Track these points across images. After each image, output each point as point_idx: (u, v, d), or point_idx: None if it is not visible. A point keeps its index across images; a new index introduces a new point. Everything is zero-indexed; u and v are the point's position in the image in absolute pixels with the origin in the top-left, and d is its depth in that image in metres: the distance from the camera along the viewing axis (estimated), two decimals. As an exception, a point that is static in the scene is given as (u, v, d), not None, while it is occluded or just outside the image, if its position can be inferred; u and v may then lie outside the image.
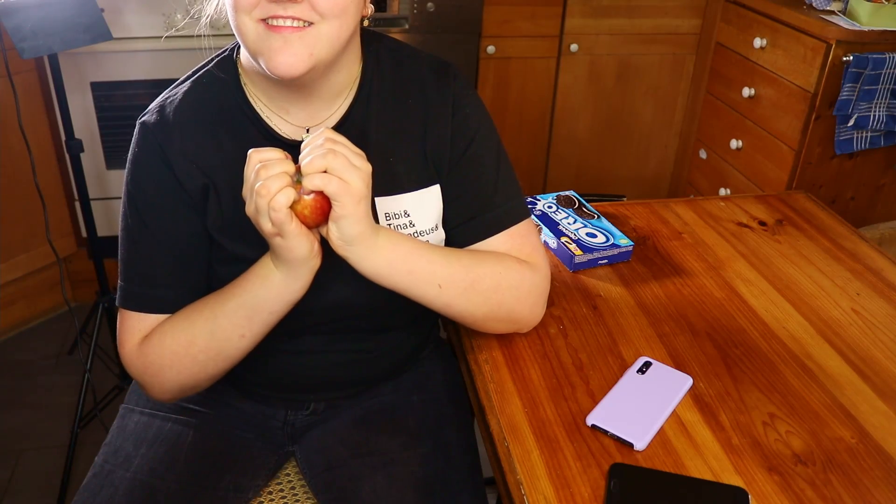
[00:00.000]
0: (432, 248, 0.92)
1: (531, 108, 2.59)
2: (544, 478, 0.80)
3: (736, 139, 2.43)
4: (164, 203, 0.92)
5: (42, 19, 1.57)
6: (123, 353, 0.95)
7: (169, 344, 0.91)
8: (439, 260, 0.91)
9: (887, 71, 2.01)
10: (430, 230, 0.96)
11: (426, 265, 0.90)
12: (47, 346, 2.25)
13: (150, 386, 0.94)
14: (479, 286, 0.93)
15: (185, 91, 0.94)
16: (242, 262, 0.91)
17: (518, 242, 0.98)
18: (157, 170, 0.92)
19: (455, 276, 0.91)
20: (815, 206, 1.38)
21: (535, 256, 0.98)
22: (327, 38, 0.84)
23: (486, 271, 0.93)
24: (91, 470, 0.97)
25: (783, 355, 1.00)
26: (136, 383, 1.09)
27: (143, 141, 0.93)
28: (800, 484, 0.81)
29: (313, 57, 0.83)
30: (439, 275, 0.91)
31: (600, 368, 0.96)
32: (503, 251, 0.97)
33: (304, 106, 0.93)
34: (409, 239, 0.90)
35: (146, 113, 0.94)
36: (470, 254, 0.95)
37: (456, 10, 2.33)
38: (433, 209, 0.97)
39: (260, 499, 1.00)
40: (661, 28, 2.56)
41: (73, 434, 1.79)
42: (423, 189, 0.96)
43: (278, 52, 0.82)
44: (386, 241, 0.87)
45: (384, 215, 0.94)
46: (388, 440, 0.99)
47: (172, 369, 0.92)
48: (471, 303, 0.93)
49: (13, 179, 2.13)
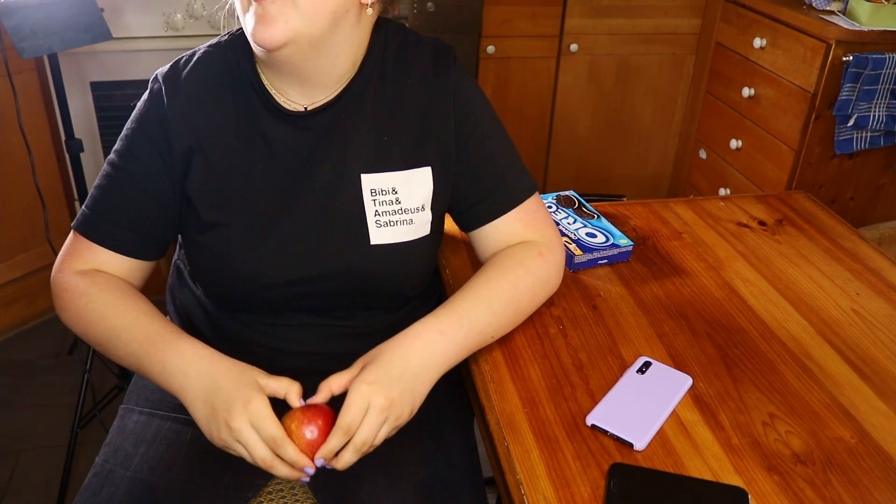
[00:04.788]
0: (472, 310, 0.94)
1: (531, 107, 2.59)
2: (544, 477, 0.80)
3: (736, 139, 2.43)
4: (150, 157, 0.96)
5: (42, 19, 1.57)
6: (57, 269, 0.98)
7: (81, 304, 0.95)
8: (482, 318, 0.94)
9: (887, 71, 2.01)
10: (417, 209, 0.98)
11: (475, 337, 0.94)
12: (47, 346, 2.25)
13: (57, 308, 0.99)
14: (521, 308, 0.99)
15: (202, 52, 0.99)
16: (218, 228, 0.95)
17: (531, 217, 1.03)
18: (153, 125, 0.96)
19: (500, 319, 0.97)
20: (814, 206, 1.38)
21: (546, 229, 1.04)
22: (303, 10, 0.86)
23: (522, 291, 0.98)
24: (91, 470, 0.98)
25: (783, 355, 1.00)
26: (135, 383, 1.10)
27: (151, 92, 0.97)
28: (799, 484, 0.81)
29: (289, 26, 0.86)
30: (488, 332, 0.96)
31: (600, 368, 0.96)
32: (518, 228, 1.03)
33: (302, 90, 0.96)
34: (441, 328, 0.92)
35: (166, 66, 0.99)
36: (495, 280, 0.98)
37: (456, 10, 2.33)
38: (423, 190, 0.99)
39: (259, 498, 1.00)
40: (661, 28, 2.56)
41: (72, 434, 1.79)
42: (413, 169, 0.98)
43: (257, 22, 0.86)
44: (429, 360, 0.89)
45: (370, 191, 0.96)
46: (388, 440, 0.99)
47: (69, 321, 0.97)
48: (517, 322, 1.00)
49: (13, 179, 2.13)
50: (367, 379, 0.84)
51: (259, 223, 0.96)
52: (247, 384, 0.83)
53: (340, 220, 0.97)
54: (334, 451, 0.82)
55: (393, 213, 0.97)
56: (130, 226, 0.97)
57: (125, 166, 0.97)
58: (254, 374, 0.85)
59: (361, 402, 0.82)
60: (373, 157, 0.97)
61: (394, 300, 1.05)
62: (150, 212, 0.97)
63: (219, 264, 0.97)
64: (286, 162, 0.96)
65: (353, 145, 0.97)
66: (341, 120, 0.97)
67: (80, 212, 0.99)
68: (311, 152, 0.97)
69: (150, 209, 0.97)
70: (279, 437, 0.80)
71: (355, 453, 0.83)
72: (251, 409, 0.81)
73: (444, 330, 0.91)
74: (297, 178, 0.96)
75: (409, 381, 0.86)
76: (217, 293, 1.02)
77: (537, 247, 1.02)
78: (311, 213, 0.96)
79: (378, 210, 0.97)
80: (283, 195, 0.96)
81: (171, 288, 1.13)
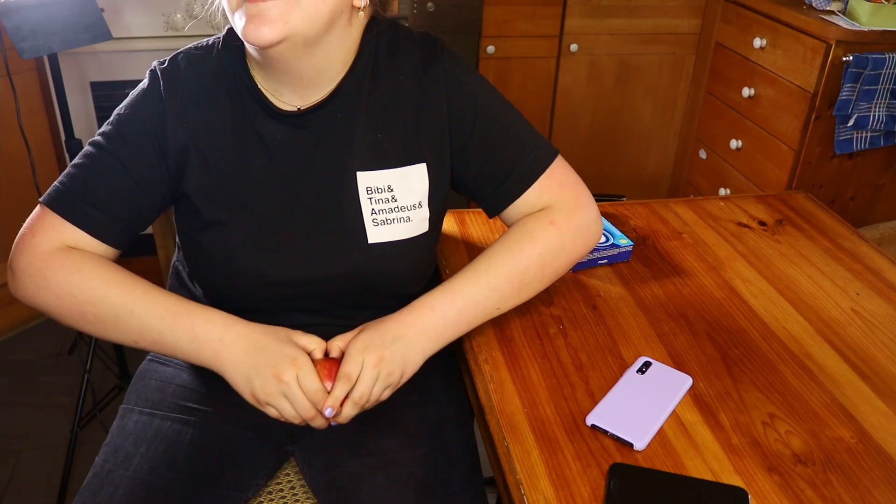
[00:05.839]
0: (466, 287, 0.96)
1: (531, 108, 2.59)
2: (544, 478, 0.80)
3: (736, 139, 2.43)
4: (142, 147, 0.95)
5: (42, 19, 1.57)
6: (28, 245, 0.93)
7: (75, 282, 0.91)
8: (480, 293, 0.96)
9: (887, 71, 2.01)
10: (413, 206, 0.98)
11: (472, 311, 0.96)
12: (47, 346, 2.25)
13: (20, 286, 0.93)
14: (528, 278, 0.98)
15: (200, 50, 0.99)
16: (219, 226, 0.95)
17: (555, 183, 1.02)
18: (151, 116, 0.95)
19: (504, 292, 0.97)
20: (814, 206, 1.38)
21: (563, 193, 1.02)
22: (304, 9, 0.85)
23: (526, 263, 0.98)
24: (91, 470, 0.98)
25: (783, 355, 1.00)
26: (135, 383, 1.09)
27: (151, 84, 0.97)
28: (799, 484, 0.81)
29: (288, 25, 0.85)
30: (490, 306, 0.97)
31: (600, 368, 0.96)
32: (543, 198, 1.01)
33: (295, 90, 0.96)
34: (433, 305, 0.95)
35: (163, 60, 0.98)
36: (498, 254, 0.98)
37: (456, 10, 2.33)
38: (418, 186, 0.98)
39: (260, 498, 1.00)
40: (661, 28, 2.56)
41: (72, 434, 1.79)
42: (408, 166, 0.98)
43: (251, 20, 0.85)
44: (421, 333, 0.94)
45: (366, 189, 0.96)
46: (388, 440, 0.99)
47: (56, 299, 0.92)
48: (529, 293, 1.00)
49: (13, 179, 2.13)
50: (363, 338, 0.92)
51: (259, 222, 0.96)
52: (287, 341, 0.91)
53: (338, 219, 0.97)
54: (339, 399, 0.89)
55: (389, 210, 0.97)
56: (107, 210, 0.94)
57: (113, 150, 0.95)
58: (288, 333, 0.93)
59: (358, 356, 0.90)
60: (368, 156, 0.97)
61: (394, 299, 1.05)
62: (131, 200, 0.95)
63: (219, 263, 0.97)
64: (283, 161, 0.96)
65: (349, 144, 0.97)
66: (336, 119, 0.97)
67: (51, 187, 0.95)
68: (308, 151, 0.97)
69: (131, 197, 0.95)
70: (321, 391, 0.89)
71: (354, 406, 0.90)
72: (299, 364, 0.89)
73: (434, 306, 0.95)
74: (294, 177, 0.96)
75: (399, 346, 0.92)
76: (217, 293, 1.02)
77: (550, 214, 1.00)
78: (310, 213, 0.96)
79: (374, 208, 0.97)
80: (281, 195, 0.96)
81: (171, 290, 1.12)
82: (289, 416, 0.89)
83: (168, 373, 1.08)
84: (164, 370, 1.08)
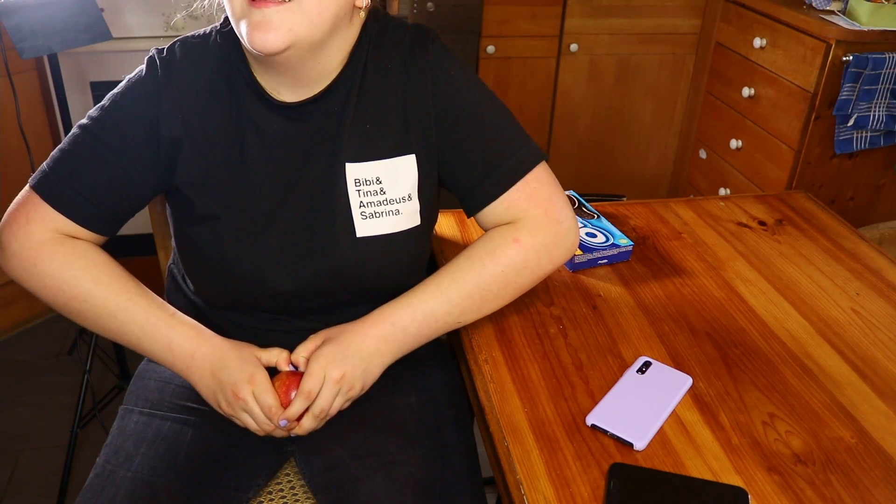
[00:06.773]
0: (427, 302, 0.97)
1: (531, 107, 2.59)
2: (544, 477, 0.80)
3: (736, 139, 2.43)
4: (135, 135, 0.94)
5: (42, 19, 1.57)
6: (21, 231, 0.93)
7: (64, 277, 0.94)
8: (440, 308, 0.97)
9: (887, 71, 2.01)
10: (402, 199, 0.97)
11: (431, 326, 0.97)
12: (47, 346, 2.25)
13: (10, 268, 0.95)
14: (489, 294, 0.98)
15: (200, 39, 0.98)
16: (212, 221, 0.95)
17: (525, 197, 0.98)
18: (146, 104, 0.95)
19: (464, 308, 0.98)
20: (814, 206, 1.38)
21: (532, 209, 0.98)
22: (308, 15, 0.85)
23: (488, 280, 0.97)
24: (93, 471, 0.97)
25: (783, 355, 1.00)
26: (135, 383, 1.09)
27: (148, 71, 0.96)
28: (799, 484, 0.81)
29: (293, 33, 0.85)
30: (450, 321, 0.98)
31: (600, 368, 0.96)
32: (520, 204, 0.98)
33: (293, 87, 0.95)
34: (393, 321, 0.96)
35: (161, 49, 0.98)
36: (461, 269, 0.98)
37: (456, 10, 2.33)
38: (407, 178, 0.98)
39: (260, 498, 1.00)
40: (661, 28, 2.56)
41: (72, 434, 1.79)
42: (397, 157, 0.97)
43: (257, 27, 0.84)
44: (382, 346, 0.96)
45: (354, 181, 0.96)
46: (387, 441, 0.99)
47: (43, 289, 0.95)
48: (491, 308, 1.00)
49: (13, 179, 2.13)
50: (325, 353, 0.94)
51: (253, 217, 0.96)
52: (248, 360, 0.95)
53: (329, 214, 0.96)
54: (296, 414, 0.93)
55: (378, 203, 0.96)
56: (95, 198, 0.94)
57: (103, 137, 0.94)
58: (252, 351, 0.97)
59: (319, 371, 0.93)
60: (357, 147, 0.96)
61: (388, 293, 1.04)
62: (120, 188, 0.95)
63: (212, 259, 0.97)
64: (279, 154, 0.96)
65: (341, 136, 0.96)
66: (331, 111, 0.96)
67: (40, 170, 0.95)
68: (303, 145, 0.96)
69: (120, 186, 0.95)
70: (275, 406, 0.93)
71: (313, 420, 0.94)
72: (255, 381, 0.93)
73: (395, 321, 0.96)
74: (289, 170, 0.96)
75: (360, 361, 0.95)
76: (209, 289, 1.02)
77: (516, 231, 0.97)
78: (302, 208, 0.96)
79: (363, 201, 0.96)
80: (276, 188, 0.96)
81: (168, 293, 1.12)
82: (252, 429, 0.94)
83: (167, 373, 1.07)
84: (163, 370, 1.08)
